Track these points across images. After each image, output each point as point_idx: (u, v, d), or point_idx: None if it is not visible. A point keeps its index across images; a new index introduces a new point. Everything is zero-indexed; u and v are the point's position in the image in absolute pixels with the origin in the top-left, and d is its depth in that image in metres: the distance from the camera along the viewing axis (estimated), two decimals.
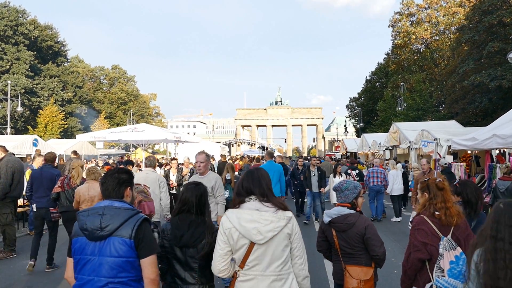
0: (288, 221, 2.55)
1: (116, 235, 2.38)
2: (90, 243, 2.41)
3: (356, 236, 3.38)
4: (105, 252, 2.38)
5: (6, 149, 8.03)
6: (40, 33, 48.18)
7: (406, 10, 42.66)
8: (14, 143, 16.46)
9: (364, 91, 52.09)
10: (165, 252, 2.88)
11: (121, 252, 2.37)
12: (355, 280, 3.35)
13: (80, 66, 61.88)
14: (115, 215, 2.41)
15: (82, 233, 2.42)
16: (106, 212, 2.43)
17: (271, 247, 2.51)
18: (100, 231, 2.37)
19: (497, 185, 7.82)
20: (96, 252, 2.39)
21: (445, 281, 2.89)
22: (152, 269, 2.43)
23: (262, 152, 41.06)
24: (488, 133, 9.36)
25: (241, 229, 2.50)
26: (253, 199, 2.62)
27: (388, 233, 9.14)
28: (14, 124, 39.48)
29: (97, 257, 2.39)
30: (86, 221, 2.41)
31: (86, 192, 5.82)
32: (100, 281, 2.37)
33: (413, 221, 3.28)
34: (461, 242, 3.03)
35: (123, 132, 13.42)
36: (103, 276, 2.37)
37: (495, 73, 23.11)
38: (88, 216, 2.44)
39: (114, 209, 2.45)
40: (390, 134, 18.76)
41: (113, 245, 2.37)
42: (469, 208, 3.47)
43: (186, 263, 2.83)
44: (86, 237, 2.41)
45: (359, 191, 3.56)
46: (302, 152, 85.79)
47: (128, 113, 58.50)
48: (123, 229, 2.39)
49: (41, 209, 6.71)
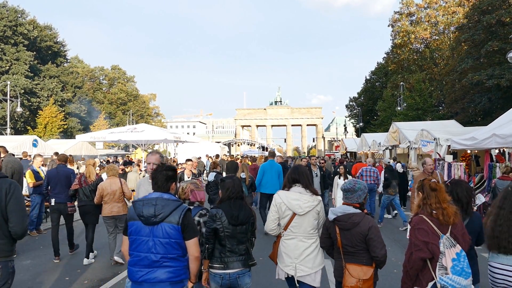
0: (319, 202, 3.81)
1: (166, 221, 2.98)
2: (145, 227, 3.00)
3: (359, 236, 3.40)
4: (157, 234, 2.98)
5: (6, 150, 8.08)
6: (40, 33, 48.13)
7: (406, 9, 42.63)
8: (14, 144, 16.48)
9: (363, 91, 52.07)
10: (216, 233, 3.52)
11: (171, 234, 2.98)
12: (354, 278, 3.37)
13: (80, 67, 61.82)
14: (165, 205, 3.01)
15: (139, 218, 3.00)
16: (158, 203, 3.01)
17: (306, 218, 3.73)
18: (154, 218, 2.97)
19: (496, 184, 7.83)
20: (150, 234, 2.99)
21: (449, 279, 2.92)
22: (195, 248, 3.06)
23: (262, 152, 41.19)
24: (488, 133, 9.37)
25: (288, 204, 3.74)
26: (298, 186, 3.83)
27: (388, 232, 9.16)
28: (13, 124, 39.46)
29: (151, 238, 2.98)
30: (143, 209, 3.00)
31: (109, 187, 6.71)
32: (156, 257, 2.98)
33: (411, 221, 3.29)
34: (459, 240, 3.07)
35: (122, 133, 13.44)
36: (158, 253, 2.97)
37: (494, 72, 23.13)
38: (143, 205, 3.02)
39: (164, 200, 3.04)
40: (389, 134, 18.75)
41: (164, 229, 2.97)
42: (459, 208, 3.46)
43: (237, 238, 3.56)
44: (142, 222, 3.00)
45: (367, 191, 3.64)
46: (302, 152, 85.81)
47: (128, 113, 58.49)
48: (171, 216, 2.98)
49: (59, 204, 7.31)
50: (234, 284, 3.58)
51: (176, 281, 3.02)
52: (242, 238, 3.60)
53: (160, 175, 3.16)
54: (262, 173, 9.75)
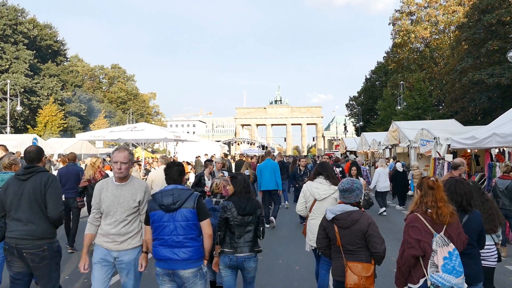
0: (335, 191, 4.68)
1: (183, 207, 3.51)
2: (166, 214, 3.50)
3: (359, 233, 3.45)
4: (177, 219, 3.50)
5: (7, 148, 8.04)
6: (39, 32, 48.06)
7: (406, 8, 42.59)
8: (13, 142, 16.49)
9: (363, 90, 52.06)
10: (227, 221, 4.05)
11: (188, 217, 3.51)
12: (356, 276, 3.42)
13: (80, 65, 61.74)
14: (181, 194, 3.55)
15: (160, 207, 3.50)
16: (174, 192, 3.54)
17: (325, 202, 4.82)
18: (173, 205, 3.50)
19: (497, 183, 7.83)
20: (171, 219, 3.50)
21: (440, 277, 2.99)
22: (208, 227, 3.60)
23: (262, 151, 41.28)
24: (488, 132, 9.38)
25: (310, 191, 5.02)
26: (321, 177, 5.04)
27: (388, 232, 9.26)
28: (13, 123, 39.42)
29: (172, 223, 3.49)
30: (163, 199, 3.52)
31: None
32: (178, 238, 3.49)
33: (406, 218, 3.33)
34: (454, 239, 3.11)
35: (122, 131, 13.43)
36: (179, 234, 3.49)
37: (494, 71, 23.12)
38: (162, 196, 3.54)
39: (179, 190, 3.59)
40: (389, 133, 18.75)
41: (183, 213, 3.51)
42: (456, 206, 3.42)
43: (245, 227, 4.09)
44: (163, 210, 3.50)
45: (363, 190, 3.73)
46: (301, 151, 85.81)
47: (128, 112, 58.48)
48: (187, 202, 3.52)
49: (69, 199, 7.75)
50: (241, 266, 4.08)
51: (195, 259, 3.54)
52: (250, 227, 4.10)
53: (174, 171, 3.70)
54: (260, 173, 10.34)
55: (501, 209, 7.56)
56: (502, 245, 7.49)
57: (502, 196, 7.53)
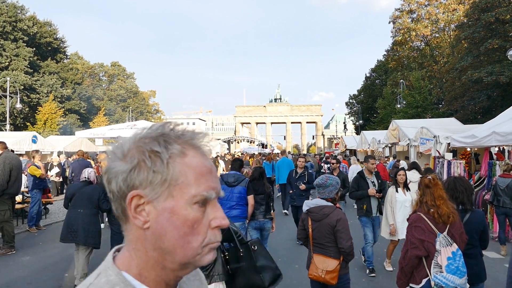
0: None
1: (239, 185, 5.79)
2: (228, 188, 5.72)
3: (328, 227, 3.57)
4: (235, 192, 5.74)
5: (6, 146, 8.02)
6: (39, 29, 47.93)
7: (407, 6, 42.54)
8: (13, 140, 16.45)
9: (363, 89, 52.00)
10: None
11: (241, 191, 5.76)
12: (318, 269, 3.56)
13: (80, 63, 61.59)
14: (239, 177, 5.90)
15: (224, 183, 5.74)
16: (235, 176, 5.90)
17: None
18: (233, 182, 5.80)
19: (497, 182, 7.83)
20: (230, 192, 5.72)
21: (443, 277, 2.95)
22: (252, 199, 5.84)
23: (262, 149, 41.34)
24: (488, 131, 9.36)
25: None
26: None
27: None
28: (13, 120, 39.36)
29: (230, 194, 5.71)
30: (228, 178, 5.87)
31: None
32: (231, 204, 5.70)
33: (409, 218, 3.31)
34: (456, 239, 3.08)
35: (122, 129, 13.45)
36: (233, 201, 5.71)
37: (493, 69, 23.10)
38: (228, 177, 5.92)
39: (237, 175, 5.95)
40: (389, 131, 18.74)
41: (237, 189, 5.76)
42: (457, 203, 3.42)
43: (259, 202, 6.09)
44: (226, 185, 5.73)
45: (339, 187, 3.80)
46: (301, 150, 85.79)
47: (128, 110, 58.39)
48: (242, 182, 5.83)
49: None
50: (262, 227, 6.19)
51: (242, 217, 5.78)
52: (262, 202, 6.17)
53: (236, 163, 6.32)
54: (278, 169, 12.54)
55: (502, 207, 7.58)
56: (502, 244, 7.50)
57: (503, 195, 7.54)
